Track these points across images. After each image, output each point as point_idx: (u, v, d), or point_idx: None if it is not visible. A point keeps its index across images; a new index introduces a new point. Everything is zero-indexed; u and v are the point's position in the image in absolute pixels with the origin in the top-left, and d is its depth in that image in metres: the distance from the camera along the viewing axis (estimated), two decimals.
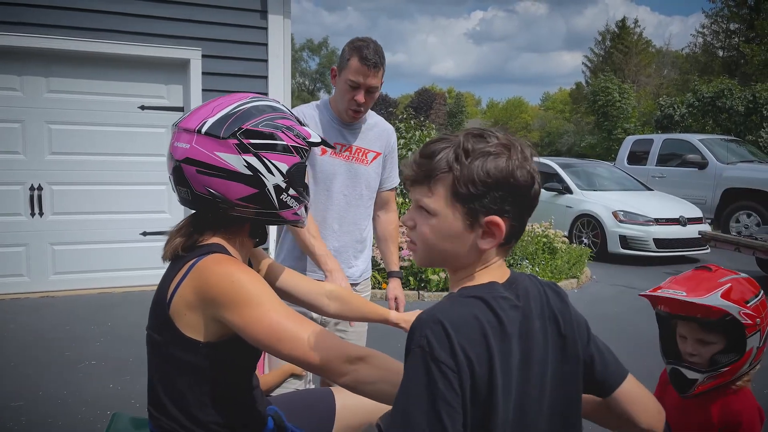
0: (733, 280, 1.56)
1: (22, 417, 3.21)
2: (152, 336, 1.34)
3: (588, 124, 31.19)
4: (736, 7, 29.46)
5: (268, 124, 1.33)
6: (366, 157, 2.42)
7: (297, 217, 1.43)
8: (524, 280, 1.11)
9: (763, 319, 1.52)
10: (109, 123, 5.81)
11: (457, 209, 1.03)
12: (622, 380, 1.17)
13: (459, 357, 0.93)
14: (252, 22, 5.98)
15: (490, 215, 1.02)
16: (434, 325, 0.95)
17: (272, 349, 1.23)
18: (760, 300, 1.53)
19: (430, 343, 0.94)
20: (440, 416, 0.91)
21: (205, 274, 1.26)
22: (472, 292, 1.03)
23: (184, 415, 1.31)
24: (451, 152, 1.02)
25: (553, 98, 61.83)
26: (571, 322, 1.12)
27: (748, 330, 1.50)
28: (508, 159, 1.01)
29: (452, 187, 1.02)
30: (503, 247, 1.08)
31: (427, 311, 0.99)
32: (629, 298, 6.10)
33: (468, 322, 0.97)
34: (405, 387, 0.95)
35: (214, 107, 1.35)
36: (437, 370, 0.92)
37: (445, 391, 0.92)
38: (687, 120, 18.39)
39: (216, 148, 1.29)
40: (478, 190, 1.00)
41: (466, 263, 1.08)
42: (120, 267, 5.94)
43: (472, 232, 1.04)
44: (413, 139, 7.73)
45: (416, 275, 6.17)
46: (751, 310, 1.50)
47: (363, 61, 2.20)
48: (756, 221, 9.30)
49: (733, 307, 1.49)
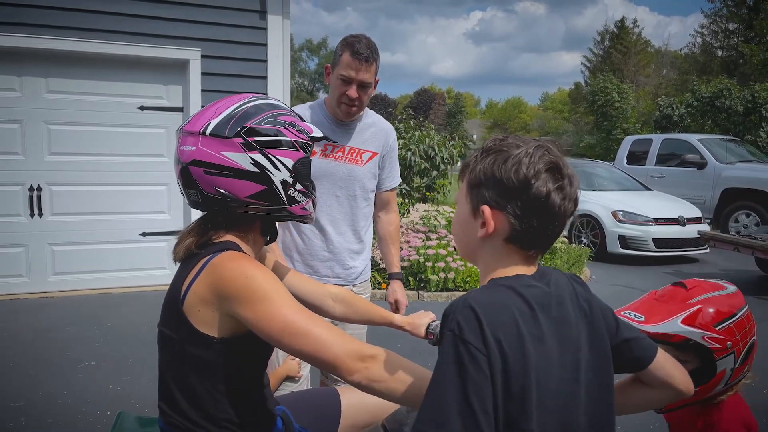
0: (707, 300, 1.48)
1: (22, 417, 3.21)
2: (164, 332, 1.35)
3: (587, 124, 31.23)
4: (735, 7, 29.51)
5: (271, 121, 1.36)
6: (360, 158, 2.39)
7: (305, 212, 1.45)
8: (552, 271, 1.16)
9: (738, 341, 1.45)
10: (108, 123, 5.81)
11: (468, 197, 1.12)
12: (655, 352, 1.22)
13: (489, 340, 0.96)
14: (251, 23, 5.98)
15: (487, 205, 1.08)
16: (465, 309, 0.99)
17: (284, 345, 1.24)
18: (736, 320, 1.46)
19: (461, 327, 0.97)
20: (469, 398, 0.94)
21: (219, 270, 1.28)
22: (501, 282, 1.08)
23: (196, 410, 1.32)
24: (479, 151, 1.13)
25: (552, 98, 61.90)
26: (598, 310, 1.17)
27: (717, 354, 1.44)
28: (515, 158, 1.06)
29: (468, 178, 1.13)
30: (517, 249, 1.11)
31: (460, 298, 1.03)
32: (628, 298, 6.08)
33: (498, 307, 1.01)
34: (437, 369, 0.98)
35: (216, 109, 1.36)
36: (466, 352, 0.96)
37: (474, 373, 0.95)
38: (686, 120, 18.40)
39: (222, 147, 1.31)
40: (480, 180, 1.09)
41: (483, 256, 1.14)
42: (119, 267, 5.94)
43: (475, 220, 1.11)
44: (412, 139, 7.72)
45: (416, 275, 6.17)
46: (720, 333, 1.44)
47: (354, 55, 2.18)
48: (755, 221, 9.31)
49: (695, 333, 1.43)
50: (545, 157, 1.06)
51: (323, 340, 1.22)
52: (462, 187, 1.15)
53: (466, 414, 0.93)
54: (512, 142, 1.09)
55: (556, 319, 1.06)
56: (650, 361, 1.21)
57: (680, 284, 1.56)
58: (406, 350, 3.16)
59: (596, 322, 1.14)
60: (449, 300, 6.05)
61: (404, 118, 8.38)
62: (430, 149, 7.68)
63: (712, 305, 1.47)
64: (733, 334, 1.45)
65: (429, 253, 6.20)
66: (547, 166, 1.06)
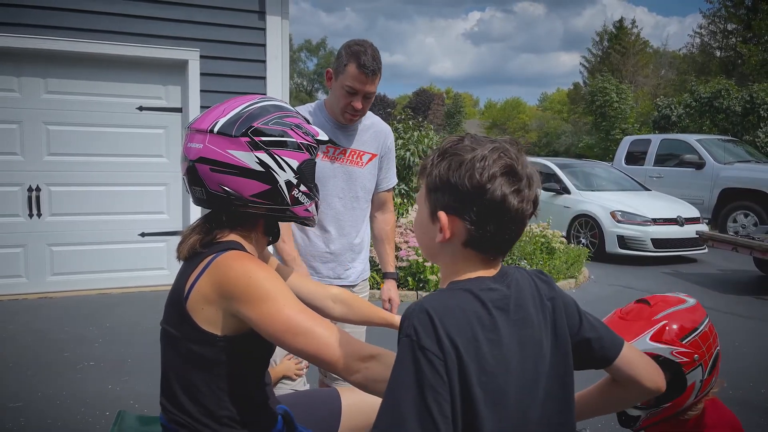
0: (670, 315, 1.50)
1: (21, 418, 3.21)
2: (168, 330, 1.36)
3: (586, 125, 31.24)
4: (734, 8, 29.52)
5: (278, 122, 1.38)
6: (361, 159, 2.41)
7: (308, 214, 1.46)
8: (514, 271, 1.15)
9: (704, 352, 1.48)
10: (107, 124, 5.81)
11: (427, 201, 1.11)
12: (619, 349, 1.21)
13: (445, 345, 0.96)
14: (250, 23, 5.98)
15: (443, 211, 1.07)
16: (420, 314, 0.99)
17: (286, 344, 1.25)
18: (699, 333, 1.49)
19: (417, 332, 0.97)
20: (427, 403, 0.93)
21: (223, 269, 1.29)
22: (459, 285, 1.08)
23: (198, 407, 1.33)
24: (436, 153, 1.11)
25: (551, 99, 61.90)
26: (561, 307, 1.16)
27: (686, 367, 1.46)
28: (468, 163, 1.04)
29: (426, 182, 1.11)
30: (475, 253, 1.09)
31: (415, 302, 1.02)
32: (627, 298, 6.09)
33: (453, 311, 1.00)
34: (394, 374, 0.98)
35: (224, 108, 1.38)
36: (423, 357, 0.95)
37: (431, 378, 0.94)
38: (684, 120, 18.40)
39: (228, 146, 1.32)
40: (436, 185, 1.08)
41: (444, 259, 1.13)
42: (118, 268, 5.93)
43: (434, 225, 1.10)
44: (411, 139, 7.74)
45: (415, 275, 6.18)
46: (687, 347, 1.46)
47: (361, 68, 2.17)
48: (753, 221, 9.33)
49: (664, 349, 1.45)
50: (500, 161, 1.04)
51: (324, 340, 1.23)
52: (421, 189, 1.14)
53: (424, 418, 0.93)
54: (467, 145, 1.07)
55: (516, 321, 1.06)
56: (613, 358, 1.21)
57: (643, 301, 1.58)
58: None
59: (558, 320, 1.14)
60: None
61: (403, 118, 8.39)
62: (429, 149, 7.70)
63: (676, 321, 1.50)
64: (698, 347, 1.48)
65: None
66: (502, 170, 1.03)
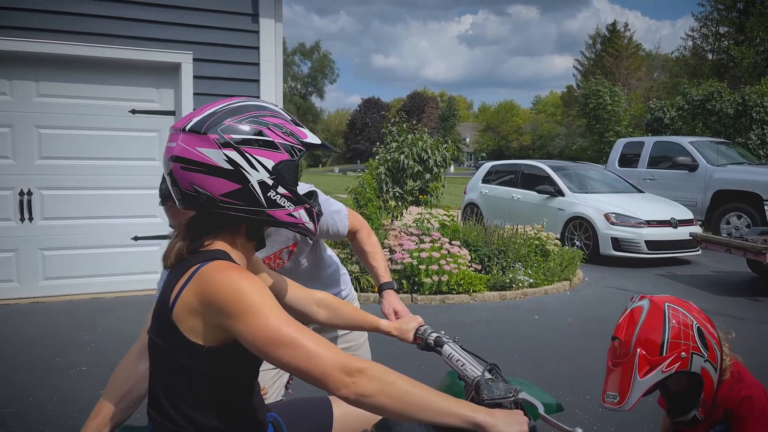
0: (638, 340, 1.51)
1: (13, 423, 3.18)
2: (154, 340, 1.34)
3: (579, 127, 31.35)
4: (726, 11, 29.75)
5: (253, 120, 1.33)
6: (281, 259, 2.18)
7: (293, 219, 1.39)
8: None
9: (687, 344, 1.49)
10: (99, 127, 5.78)
11: None
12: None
13: None
14: (243, 26, 5.97)
15: None
16: None
17: (271, 358, 1.22)
18: (670, 333, 1.49)
19: None
20: None
21: (207, 280, 1.26)
22: None
23: (184, 418, 1.31)
24: None
25: (545, 101, 62.12)
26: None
27: (684, 367, 1.49)
28: None
29: None
30: None
31: None
32: (621, 300, 6.11)
33: None
34: None
35: (204, 108, 1.36)
36: None
37: None
38: (677, 123, 18.48)
39: (198, 143, 1.29)
40: None
41: None
42: (111, 272, 5.90)
43: None
44: (405, 142, 7.74)
45: (409, 278, 6.16)
46: (670, 354, 1.48)
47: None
48: (746, 222, 9.37)
49: (657, 374, 1.48)
50: None
51: (311, 353, 1.19)
52: None
53: None
54: None
55: None
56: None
57: (614, 338, 1.57)
58: (399, 354, 3.15)
59: None
60: (443, 303, 6.05)
61: (397, 121, 8.37)
62: (423, 152, 7.70)
63: (645, 342, 1.50)
64: (678, 345, 1.49)
65: (422, 256, 6.19)
66: None
